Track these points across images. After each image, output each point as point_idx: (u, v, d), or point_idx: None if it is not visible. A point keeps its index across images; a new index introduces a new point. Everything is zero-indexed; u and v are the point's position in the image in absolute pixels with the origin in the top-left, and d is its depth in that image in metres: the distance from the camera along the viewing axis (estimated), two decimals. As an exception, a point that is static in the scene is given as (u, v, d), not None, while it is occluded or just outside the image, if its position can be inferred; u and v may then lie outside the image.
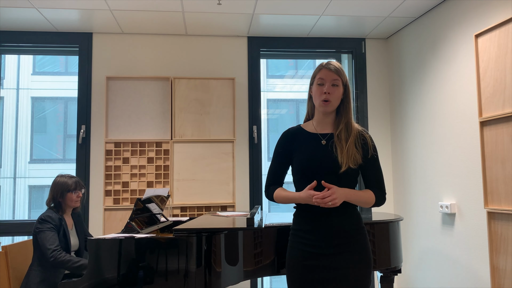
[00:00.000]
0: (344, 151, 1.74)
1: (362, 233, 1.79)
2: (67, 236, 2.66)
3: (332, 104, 1.79)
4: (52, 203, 2.71)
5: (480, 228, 2.75)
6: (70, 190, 2.70)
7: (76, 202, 2.74)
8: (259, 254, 2.23)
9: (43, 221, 2.59)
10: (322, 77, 1.80)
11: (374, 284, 3.82)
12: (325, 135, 1.83)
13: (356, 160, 1.76)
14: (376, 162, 1.84)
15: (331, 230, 1.74)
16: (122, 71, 3.74)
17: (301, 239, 1.78)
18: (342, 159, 1.73)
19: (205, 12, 3.34)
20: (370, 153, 1.81)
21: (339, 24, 3.65)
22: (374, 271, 3.64)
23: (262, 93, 3.92)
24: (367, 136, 1.84)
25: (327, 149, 1.78)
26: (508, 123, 2.37)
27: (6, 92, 8.56)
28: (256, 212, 2.45)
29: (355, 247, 1.74)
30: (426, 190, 3.36)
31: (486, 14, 2.70)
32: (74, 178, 2.76)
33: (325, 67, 1.81)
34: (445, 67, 3.12)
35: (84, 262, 2.51)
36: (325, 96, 1.77)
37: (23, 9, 3.24)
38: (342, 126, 1.80)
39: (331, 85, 1.78)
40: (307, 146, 1.82)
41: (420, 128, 3.45)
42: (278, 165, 1.91)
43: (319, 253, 1.73)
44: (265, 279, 4.00)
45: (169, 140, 3.61)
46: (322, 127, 1.85)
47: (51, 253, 2.49)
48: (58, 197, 2.69)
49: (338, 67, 1.81)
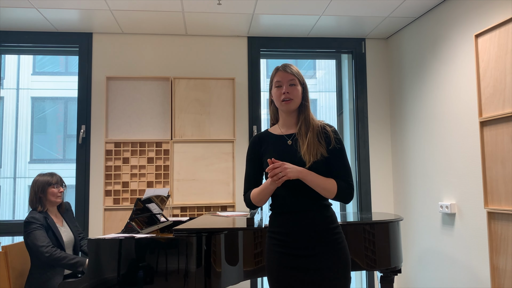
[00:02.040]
0: (305, 146, 1.77)
1: (337, 232, 1.77)
2: (56, 233, 2.64)
3: (294, 102, 1.82)
4: (34, 202, 2.68)
5: (480, 228, 2.75)
6: (51, 184, 2.70)
7: (57, 198, 2.72)
8: (259, 254, 2.23)
9: (28, 223, 2.58)
10: (279, 79, 1.84)
11: (374, 284, 3.82)
12: (290, 135, 1.85)
13: (320, 153, 1.76)
14: (339, 154, 1.81)
15: (305, 231, 1.74)
16: (122, 71, 3.74)
17: (277, 241, 1.78)
18: (305, 155, 1.75)
19: (205, 12, 3.34)
20: (332, 144, 1.80)
21: (339, 24, 3.65)
22: (374, 271, 3.64)
23: (262, 93, 3.92)
24: (330, 130, 1.84)
25: (292, 148, 1.81)
26: (508, 123, 2.37)
27: (6, 92, 8.56)
28: (256, 212, 2.45)
29: (332, 248, 1.73)
30: (426, 190, 3.36)
31: (486, 14, 2.70)
32: (55, 175, 2.77)
33: (281, 69, 1.86)
34: (445, 67, 3.12)
35: (80, 259, 2.51)
36: (284, 96, 1.81)
37: (23, 9, 3.24)
38: (301, 121, 1.83)
39: (289, 85, 1.82)
40: (274, 148, 1.84)
41: (420, 128, 3.45)
42: (251, 171, 1.91)
43: (296, 255, 1.73)
44: (265, 279, 3.99)
45: (169, 140, 3.61)
46: (287, 128, 1.88)
47: (45, 250, 2.49)
48: (39, 193, 2.68)
49: (293, 68, 1.86)
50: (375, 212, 3.49)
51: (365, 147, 3.91)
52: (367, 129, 3.93)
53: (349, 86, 4.07)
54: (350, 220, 2.60)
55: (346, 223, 2.44)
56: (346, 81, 4.12)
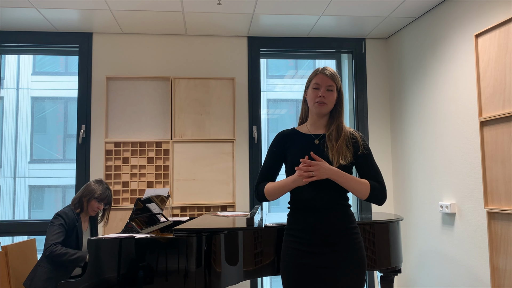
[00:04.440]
0: (334, 149, 1.78)
1: (355, 232, 1.79)
2: (79, 236, 2.69)
3: (327, 107, 1.84)
4: (76, 202, 2.75)
5: (480, 228, 2.75)
6: (97, 198, 2.74)
7: (93, 212, 2.78)
8: (259, 254, 2.23)
9: (57, 216, 2.64)
10: (318, 82, 1.85)
11: (374, 283, 3.82)
12: (318, 135, 1.87)
13: (347, 158, 1.78)
14: (369, 159, 1.84)
15: (324, 229, 1.75)
16: (122, 71, 3.74)
17: (295, 238, 1.79)
18: (333, 156, 1.76)
19: (205, 12, 3.34)
20: (361, 150, 1.82)
21: (339, 24, 3.65)
22: (374, 271, 3.64)
23: (262, 93, 3.93)
24: (358, 136, 1.86)
25: (319, 148, 1.82)
26: (508, 123, 2.37)
27: (6, 92, 8.55)
28: (256, 212, 2.45)
29: (349, 246, 1.75)
30: (426, 190, 3.36)
31: (486, 14, 2.70)
32: (107, 192, 2.79)
33: (321, 72, 1.86)
34: (445, 67, 3.12)
35: (81, 254, 2.51)
36: (319, 99, 1.82)
37: (23, 9, 3.24)
38: (334, 127, 1.84)
39: (326, 90, 1.83)
40: (300, 145, 1.85)
41: (420, 128, 3.45)
42: (271, 164, 1.92)
43: (313, 252, 1.74)
44: (265, 279, 4.00)
45: (169, 140, 3.61)
46: (316, 128, 1.89)
47: (48, 247, 2.52)
48: (83, 197, 2.74)
49: (333, 73, 1.86)
50: (375, 212, 3.49)
51: (365, 147, 3.91)
52: (367, 129, 3.93)
53: (349, 86, 4.07)
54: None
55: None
56: (346, 81, 4.12)
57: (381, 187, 1.80)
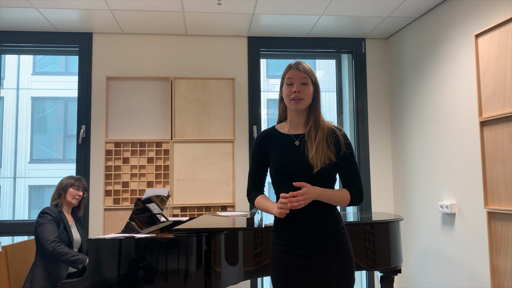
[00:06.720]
0: (313, 149, 1.73)
1: (343, 232, 1.77)
2: (68, 229, 2.72)
3: (304, 102, 1.78)
4: (54, 197, 2.82)
5: (480, 228, 2.75)
6: (73, 185, 2.82)
7: (74, 199, 2.82)
8: (259, 254, 2.23)
9: (42, 214, 2.68)
10: (290, 76, 1.80)
11: (374, 284, 3.82)
12: (298, 135, 1.82)
13: (329, 158, 1.73)
14: (349, 160, 1.80)
15: (310, 231, 1.72)
16: (122, 71, 3.74)
17: (281, 241, 1.76)
18: (313, 159, 1.72)
19: (205, 12, 3.34)
20: (343, 150, 1.77)
21: (339, 24, 3.65)
22: (374, 271, 3.64)
23: (262, 93, 3.92)
24: (340, 134, 1.81)
25: (300, 151, 1.77)
26: (508, 123, 2.37)
27: (6, 92, 8.55)
28: (256, 212, 2.45)
29: (336, 248, 1.73)
30: (426, 190, 3.36)
31: (486, 14, 2.69)
32: (81, 180, 2.89)
33: (293, 67, 1.82)
34: (445, 67, 3.12)
35: (82, 257, 2.53)
36: (294, 95, 1.77)
37: (23, 9, 3.24)
38: (311, 123, 1.79)
39: (301, 84, 1.78)
40: (281, 148, 1.81)
41: (420, 128, 3.45)
42: (256, 169, 1.89)
43: (300, 254, 1.71)
44: (265, 279, 4.00)
45: (169, 140, 3.61)
46: (295, 127, 1.84)
47: (50, 244, 2.55)
48: (60, 190, 2.82)
49: (306, 67, 1.82)
50: (375, 212, 3.49)
51: (365, 147, 3.92)
52: (367, 129, 3.93)
53: (349, 86, 4.07)
54: (350, 220, 2.60)
55: (346, 223, 2.42)
56: (346, 81, 4.12)
57: (359, 192, 1.79)
